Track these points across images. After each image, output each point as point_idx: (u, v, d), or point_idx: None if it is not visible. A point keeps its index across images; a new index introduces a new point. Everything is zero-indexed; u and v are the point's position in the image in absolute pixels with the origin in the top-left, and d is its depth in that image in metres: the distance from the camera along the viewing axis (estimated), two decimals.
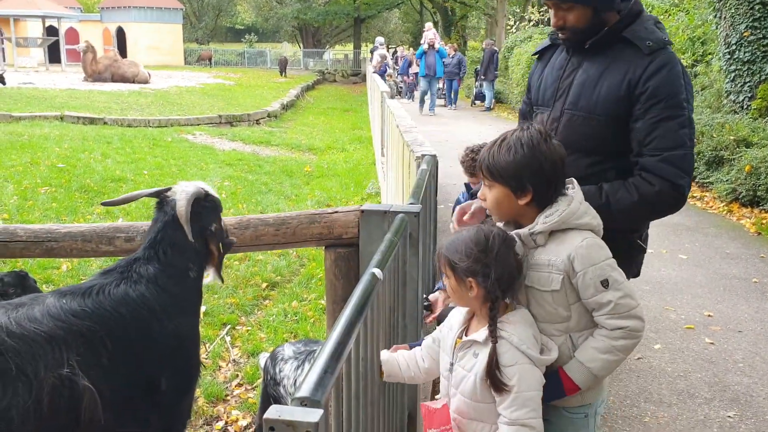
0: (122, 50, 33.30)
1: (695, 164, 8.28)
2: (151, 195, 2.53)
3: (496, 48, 19.54)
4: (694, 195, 8.09)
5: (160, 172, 10.53)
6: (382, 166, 9.48)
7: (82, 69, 24.30)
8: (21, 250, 2.63)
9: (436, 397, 2.08)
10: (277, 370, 3.61)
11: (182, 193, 2.46)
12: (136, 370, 2.20)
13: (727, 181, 7.46)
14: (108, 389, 2.06)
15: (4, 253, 2.63)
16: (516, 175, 1.93)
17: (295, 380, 3.54)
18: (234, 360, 4.81)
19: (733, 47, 9.03)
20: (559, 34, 2.29)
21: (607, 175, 2.28)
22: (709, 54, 11.98)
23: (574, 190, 1.99)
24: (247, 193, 9.62)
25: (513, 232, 1.98)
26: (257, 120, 18.25)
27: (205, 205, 2.53)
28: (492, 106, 19.36)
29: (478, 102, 20.40)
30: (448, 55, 19.31)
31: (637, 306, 1.89)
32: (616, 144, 2.24)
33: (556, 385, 1.90)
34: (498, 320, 1.85)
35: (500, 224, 2.11)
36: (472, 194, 4.34)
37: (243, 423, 4.02)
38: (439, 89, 19.92)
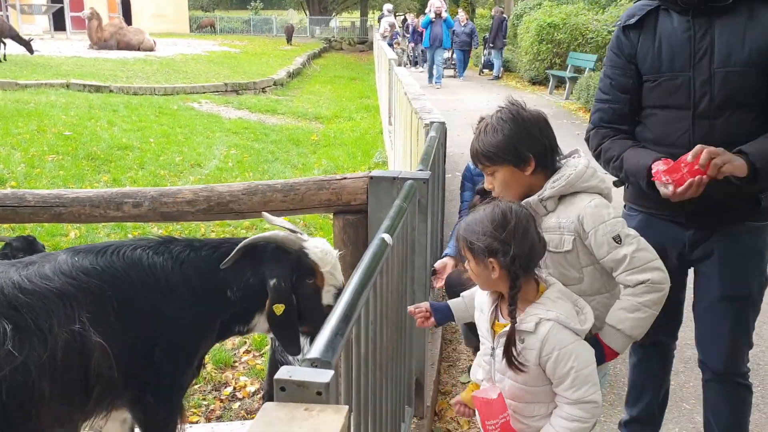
0: (127, 17, 32.98)
1: None
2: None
3: (505, 16, 19.24)
4: None
5: (166, 140, 10.51)
6: (389, 134, 9.43)
7: (88, 36, 24.12)
8: (29, 215, 2.62)
9: (479, 378, 2.04)
10: None
11: (269, 232, 2.45)
12: (141, 334, 2.21)
13: None
14: (115, 348, 2.08)
15: (13, 218, 2.63)
16: (512, 149, 1.98)
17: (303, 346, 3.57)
18: None
19: None
20: None
21: None
22: None
23: (578, 156, 2.05)
24: (253, 161, 9.59)
25: (522, 202, 2.00)
26: (263, 88, 18.13)
27: (276, 256, 2.40)
28: (500, 75, 19.17)
29: (486, 70, 20.19)
30: (461, 23, 18.55)
31: (655, 258, 1.93)
32: None
33: (598, 351, 1.92)
34: (536, 302, 1.82)
35: None
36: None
37: (251, 389, 4.06)
38: (448, 59, 19.25)
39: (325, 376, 1.11)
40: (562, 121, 11.26)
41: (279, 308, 2.33)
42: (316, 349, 1.21)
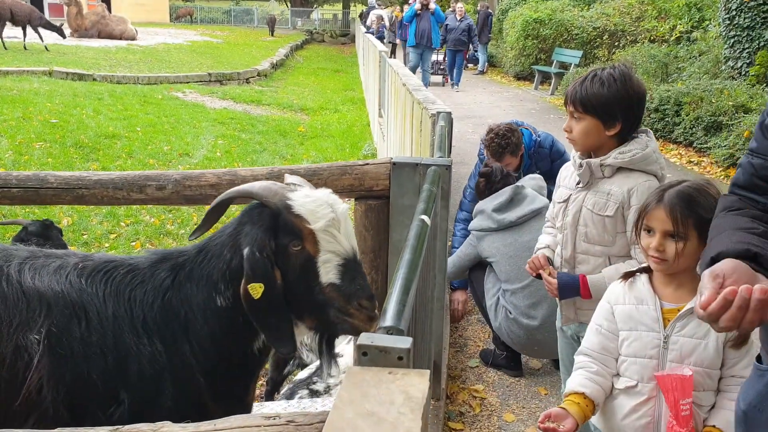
0: (106, 5, 32.53)
1: (693, 129, 8.34)
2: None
3: (490, 11, 19.32)
4: (692, 160, 8.17)
5: (153, 129, 10.44)
6: (380, 127, 9.45)
7: (67, 24, 23.69)
8: (51, 196, 2.62)
9: (630, 380, 1.84)
10: None
11: (244, 185, 1.85)
12: (102, 377, 1.77)
13: (725, 146, 7.52)
14: (70, 375, 1.72)
15: (35, 199, 2.62)
16: (609, 107, 2.08)
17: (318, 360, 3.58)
18: None
19: (733, 13, 9.02)
20: None
21: None
22: (706, 20, 11.97)
23: (649, 138, 2.15)
24: (241, 152, 9.56)
25: (584, 161, 2.14)
26: (247, 79, 18.04)
27: (254, 216, 1.79)
28: (485, 70, 19.26)
29: (470, 65, 20.26)
30: (457, 17, 15.06)
31: None
32: None
33: (574, 288, 2.19)
34: None
35: (575, 155, 2.24)
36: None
37: None
38: (436, 62, 15.83)
39: (405, 342, 1.16)
40: (549, 116, 11.37)
41: (256, 289, 1.69)
42: (388, 317, 1.25)
